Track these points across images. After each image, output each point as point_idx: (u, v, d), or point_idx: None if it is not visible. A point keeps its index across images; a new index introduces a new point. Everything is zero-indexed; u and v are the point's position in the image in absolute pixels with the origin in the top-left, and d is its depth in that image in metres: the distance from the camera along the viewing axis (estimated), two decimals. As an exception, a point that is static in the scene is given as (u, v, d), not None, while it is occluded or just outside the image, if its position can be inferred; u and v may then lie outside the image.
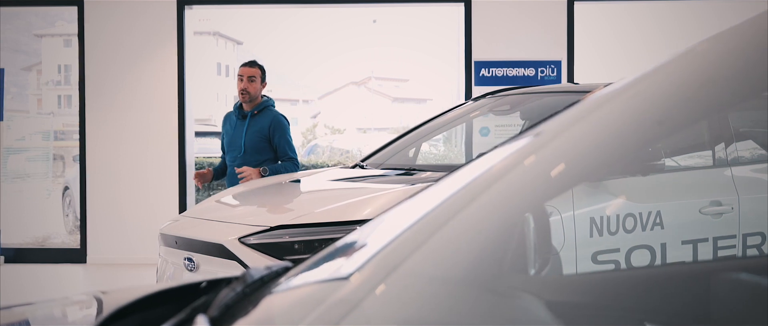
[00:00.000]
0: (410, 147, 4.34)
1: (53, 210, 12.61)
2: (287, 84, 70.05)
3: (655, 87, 1.11)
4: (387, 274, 1.05)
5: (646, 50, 26.99)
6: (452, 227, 1.04)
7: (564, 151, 1.10)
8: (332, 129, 20.50)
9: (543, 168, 1.07)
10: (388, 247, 1.00)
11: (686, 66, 1.15)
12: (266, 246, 3.08)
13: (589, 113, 1.13)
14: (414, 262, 1.02)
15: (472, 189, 1.09)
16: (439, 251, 1.03)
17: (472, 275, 1.00)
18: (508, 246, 1.05)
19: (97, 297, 1.35)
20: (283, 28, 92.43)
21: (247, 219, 3.27)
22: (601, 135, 1.12)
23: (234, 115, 4.92)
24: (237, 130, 4.84)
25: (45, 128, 18.69)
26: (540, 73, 7.06)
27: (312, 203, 3.36)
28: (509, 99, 4.20)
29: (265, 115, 4.85)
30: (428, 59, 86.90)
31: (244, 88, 4.84)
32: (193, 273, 3.35)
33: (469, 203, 1.07)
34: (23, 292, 6.52)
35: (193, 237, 3.36)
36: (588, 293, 1.02)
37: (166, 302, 1.03)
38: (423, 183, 3.33)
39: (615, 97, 1.07)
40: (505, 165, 1.08)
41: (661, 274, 1.13)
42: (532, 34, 7.18)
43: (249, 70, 4.89)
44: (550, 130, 1.12)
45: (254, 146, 4.79)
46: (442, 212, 1.07)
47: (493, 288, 1.00)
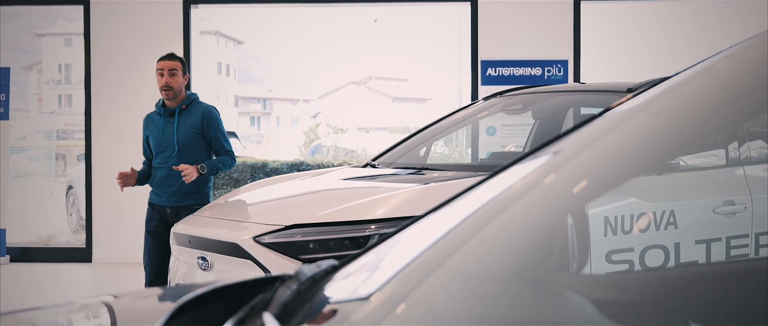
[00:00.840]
0: (421, 146, 4.34)
1: (56, 209, 12.61)
2: (287, 83, 70.03)
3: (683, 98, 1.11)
4: (429, 273, 1.05)
5: (652, 50, 27.01)
6: (498, 226, 1.05)
7: (604, 154, 1.11)
8: (335, 128, 20.48)
9: (583, 171, 1.07)
10: (435, 246, 1.01)
11: (706, 83, 1.15)
12: (281, 245, 3.08)
13: (623, 121, 1.14)
14: (460, 260, 1.02)
15: (513, 192, 1.10)
16: (485, 249, 1.03)
17: (519, 272, 1.00)
18: (552, 245, 1.05)
19: (107, 302, 1.35)
20: (283, 27, 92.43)
21: (261, 218, 3.27)
22: (638, 140, 1.12)
23: (157, 115, 4.57)
24: (166, 130, 4.49)
25: (46, 127, 18.68)
26: (547, 72, 7.06)
27: (326, 202, 3.36)
28: (521, 98, 4.21)
29: (195, 109, 4.54)
30: (429, 59, 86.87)
31: (166, 83, 4.46)
32: (206, 272, 3.36)
33: (511, 204, 1.08)
34: (29, 292, 6.52)
35: (206, 236, 3.36)
36: (633, 291, 1.02)
37: (216, 301, 1.03)
38: (436, 182, 3.32)
39: (667, 94, 1.07)
40: (546, 168, 1.09)
41: (706, 273, 1.13)
42: (539, 34, 7.19)
43: (169, 63, 4.51)
44: (587, 135, 1.12)
45: (188, 143, 4.48)
46: (486, 212, 1.07)
47: (541, 286, 1.00)
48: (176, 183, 4.45)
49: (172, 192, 4.47)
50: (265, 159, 8.88)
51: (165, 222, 4.46)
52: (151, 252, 4.49)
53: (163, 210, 4.50)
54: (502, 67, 7.13)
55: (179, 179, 4.43)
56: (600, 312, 0.98)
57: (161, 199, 4.52)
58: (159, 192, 4.53)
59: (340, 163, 8.89)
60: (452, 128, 4.58)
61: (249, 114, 58.00)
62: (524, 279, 1.02)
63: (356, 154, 10.24)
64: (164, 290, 1.52)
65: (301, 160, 9.00)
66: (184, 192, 4.48)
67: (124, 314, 1.30)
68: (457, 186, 3.28)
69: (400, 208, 3.09)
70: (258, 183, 4.23)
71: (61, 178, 16.71)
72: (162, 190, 4.50)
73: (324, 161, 9.20)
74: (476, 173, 3.41)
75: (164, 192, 4.49)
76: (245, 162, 8.85)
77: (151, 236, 4.51)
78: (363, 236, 3.03)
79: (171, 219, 4.41)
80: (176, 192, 4.47)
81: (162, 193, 4.51)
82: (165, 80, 4.47)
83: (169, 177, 4.45)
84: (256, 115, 59.04)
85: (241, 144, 11.89)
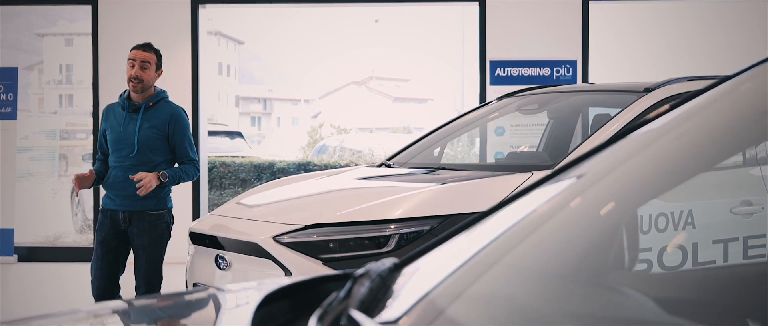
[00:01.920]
0: (435, 146, 4.35)
1: (61, 209, 12.61)
2: (287, 83, 70.06)
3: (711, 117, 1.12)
4: (487, 269, 1.06)
5: (660, 49, 27.01)
6: (556, 226, 1.05)
7: (657, 155, 1.11)
8: (338, 129, 20.49)
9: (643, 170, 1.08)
10: (494, 243, 1.02)
11: (734, 103, 1.16)
12: (301, 245, 3.08)
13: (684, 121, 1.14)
14: (518, 259, 1.03)
15: (569, 194, 1.11)
16: (545, 248, 1.04)
17: (577, 270, 1.01)
18: (608, 245, 1.06)
19: (114, 308, 1.36)
20: (283, 27, 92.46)
21: (280, 217, 3.27)
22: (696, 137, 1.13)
23: (120, 108, 4.11)
24: (127, 126, 4.04)
25: (48, 127, 18.70)
26: (555, 72, 7.07)
27: (345, 201, 3.37)
28: (537, 98, 4.22)
29: (162, 108, 4.12)
30: (430, 59, 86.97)
31: (135, 74, 4.04)
32: (224, 272, 3.36)
33: (568, 205, 1.08)
34: (38, 292, 6.53)
35: (225, 235, 3.37)
36: (690, 289, 1.03)
37: (284, 297, 1.04)
38: (453, 182, 3.33)
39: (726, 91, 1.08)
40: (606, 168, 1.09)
41: (764, 272, 1.14)
42: (547, 34, 7.19)
43: (143, 54, 4.11)
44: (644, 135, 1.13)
45: (149, 144, 4.03)
46: (543, 213, 1.08)
47: (599, 283, 1.01)
48: (132, 185, 3.96)
49: (127, 195, 4.01)
50: (272, 159, 8.90)
51: (116, 229, 4.04)
52: (100, 265, 4.03)
53: (114, 215, 4.03)
54: (510, 67, 7.13)
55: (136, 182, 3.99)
56: (661, 309, 0.99)
57: (114, 203, 4.04)
58: (112, 195, 4.05)
59: (347, 163, 8.90)
60: (466, 128, 4.59)
61: (249, 114, 58.04)
62: (582, 277, 1.03)
63: (363, 154, 10.26)
64: (164, 297, 1.53)
65: (307, 161, 9.02)
66: (149, 195, 4.03)
67: (129, 321, 1.31)
68: (474, 186, 3.28)
69: (420, 208, 3.10)
70: (273, 183, 4.23)
71: (62, 178, 16.76)
72: (115, 192, 4.03)
73: (330, 161, 9.22)
74: (493, 173, 3.42)
75: (118, 194, 4.03)
76: (252, 162, 8.86)
77: (101, 246, 4.05)
78: (383, 236, 3.03)
79: (123, 224, 4.02)
80: (131, 195, 4.00)
81: (115, 196, 4.04)
82: (135, 71, 4.05)
83: (124, 178, 3.99)
84: (257, 116, 59.07)
85: (247, 144, 11.92)
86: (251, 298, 1.05)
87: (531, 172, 3.26)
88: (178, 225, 4.40)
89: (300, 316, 0.94)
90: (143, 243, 4.03)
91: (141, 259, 4.06)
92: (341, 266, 2.99)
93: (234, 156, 9.63)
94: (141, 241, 4.04)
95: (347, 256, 3.04)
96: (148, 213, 4.02)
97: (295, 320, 0.96)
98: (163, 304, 1.35)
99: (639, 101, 3.51)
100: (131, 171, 3.97)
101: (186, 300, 1.36)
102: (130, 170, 3.98)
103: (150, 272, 4.05)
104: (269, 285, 1.02)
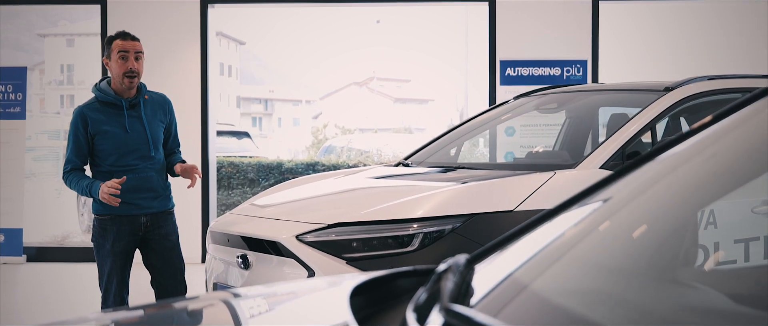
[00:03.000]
0: (451, 145, 4.34)
1: (66, 209, 12.61)
2: (288, 84, 70.07)
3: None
4: (555, 264, 1.06)
5: (671, 50, 27.05)
6: (623, 224, 1.05)
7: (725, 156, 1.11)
8: (343, 129, 20.49)
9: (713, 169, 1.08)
10: (560, 239, 1.01)
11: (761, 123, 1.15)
12: (324, 244, 3.07)
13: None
14: (590, 255, 1.02)
15: (636, 192, 1.10)
16: (616, 245, 1.04)
17: (650, 267, 1.01)
18: (679, 241, 1.05)
19: (117, 320, 1.36)
20: (284, 27, 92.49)
21: (302, 216, 3.26)
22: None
23: (109, 108, 3.73)
24: (133, 125, 3.71)
25: (50, 128, 18.71)
26: (566, 72, 7.07)
27: (366, 200, 3.35)
28: (556, 97, 4.21)
29: (156, 98, 3.87)
30: (430, 60, 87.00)
31: (132, 67, 3.69)
32: (245, 271, 3.35)
33: (634, 204, 1.08)
34: (48, 292, 6.53)
35: (247, 234, 3.36)
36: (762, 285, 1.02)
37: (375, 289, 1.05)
38: (475, 181, 3.32)
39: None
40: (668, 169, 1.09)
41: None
42: (557, 34, 7.19)
43: (135, 44, 3.76)
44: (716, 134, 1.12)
45: (159, 140, 3.80)
46: (610, 211, 1.08)
47: (672, 279, 1.01)
48: (156, 184, 3.76)
49: (154, 196, 3.77)
50: (281, 159, 8.90)
51: (135, 235, 3.75)
52: (120, 276, 3.72)
53: (134, 220, 3.72)
54: (521, 67, 7.13)
55: (158, 180, 3.77)
56: (734, 304, 0.98)
57: (133, 207, 3.70)
58: (129, 200, 3.65)
59: (356, 163, 8.90)
60: (483, 127, 4.58)
61: (250, 115, 58.08)
62: (653, 273, 1.02)
63: (370, 154, 10.26)
64: (165, 303, 1.53)
65: (315, 161, 9.01)
66: (166, 194, 3.84)
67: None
68: (497, 185, 3.28)
69: (443, 207, 3.09)
70: (290, 182, 4.22)
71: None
72: (136, 196, 3.69)
73: (338, 162, 9.21)
74: (515, 172, 3.41)
75: (138, 198, 3.70)
76: (260, 162, 8.85)
77: (120, 257, 3.71)
78: (407, 235, 3.02)
79: (144, 228, 3.75)
80: (156, 196, 3.78)
81: (134, 200, 3.69)
82: (130, 64, 3.69)
83: (145, 179, 3.72)
84: (258, 116, 59.10)
85: (254, 144, 11.92)
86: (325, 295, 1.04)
87: (553, 172, 3.25)
88: (188, 226, 4.37)
89: (381, 309, 0.94)
90: (172, 244, 3.84)
91: (173, 260, 3.82)
92: (365, 265, 2.98)
93: (242, 156, 9.63)
94: (169, 242, 3.82)
95: (371, 255, 3.03)
96: (169, 212, 3.87)
97: (378, 312, 0.97)
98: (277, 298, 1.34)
99: (659, 100, 3.50)
100: (148, 172, 3.73)
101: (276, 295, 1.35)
102: (147, 171, 3.73)
103: (182, 268, 3.87)
104: (350, 279, 1.02)
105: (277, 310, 1.18)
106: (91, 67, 53.58)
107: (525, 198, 3.10)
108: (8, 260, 7.48)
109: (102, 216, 3.72)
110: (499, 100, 6.97)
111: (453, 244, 3.00)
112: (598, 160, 3.30)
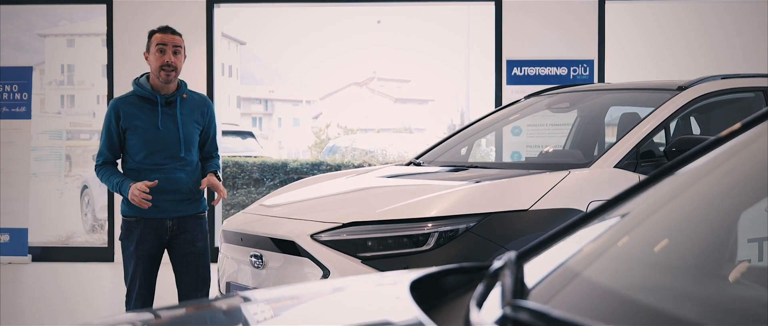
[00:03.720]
0: (462, 145, 4.33)
1: (69, 209, 12.62)
2: (289, 84, 70.06)
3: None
4: (599, 254, 1.05)
5: (677, 49, 27.09)
6: (669, 223, 1.05)
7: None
8: (346, 129, 20.48)
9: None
10: (613, 235, 1.01)
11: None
12: (339, 243, 3.06)
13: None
14: (641, 252, 1.02)
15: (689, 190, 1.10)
16: (658, 241, 1.03)
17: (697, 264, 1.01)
18: (726, 240, 1.05)
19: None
20: (284, 27, 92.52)
21: (316, 215, 3.25)
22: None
23: (144, 102, 3.61)
24: (165, 123, 3.57)
25: (51, 128, 18.69)
26: (572, 72, 7.06)
27: (380, 199, 3.35)
28: (568, 96, 4.20)
29: (194, 98, 3.72)
30: (430, 60, 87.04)
31: (169, 61, 3.55)
32: (259, 271, 3.34)
33: (689, 203, 1.08)
34: (54, 292, 6.52)
35: (261, 233, 3.35)
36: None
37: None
38: (488, 180, 3.31)
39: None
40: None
41: None
42: (563, 34, 7.19)
43: (174, 38, 3.62)
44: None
45: (192, 140, 3.63)
46: (657, 209, 1.07)
47: (717, 275, 1.01)
48: (185, 187, 3.61)
49: (182, 199, 3.62)
50: (286, 159, 8.89)
51: (161, 239, 3.62)
52: (143, 280, 3.58)
53: (160, 224, 3.59)
54: (527, 67, 7.12)
55: (188, 182, 3.63)
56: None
57: (159, 210, 3.56)
58: (158, 201, 3.52)
59: (360, 163, 8.90)
60: (494, 126, 4.57)
61: (251, 115, 58.07)
62: (701, 270, 1.02)
63: (374, 154, 10.24)
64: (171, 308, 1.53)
65: (320, 161, 9.01)
66: (196, 197, 3.69)
67: None
68: (511, 184, 3.27)
69: (458, 206, 3.08)
70: (301, 182, 4.22)
71: (68, 179, 16.72)
72: (162, 197, 3.54)
73: (343, 161, 9.21)
74: (529, 171, 3.40)
75: (165, 200, 3.56)
76: (265, 162, 8.85)
77: (145, 261, 3.58)
78: (422, 234, 3.02)
79: (170, 232, 3.61)
80: (183, 199, 3.63)
81: (161, 202, 3.55)
82: (168, 57, 3.56)
83: (173, 181, 3.57)
84: (258, 116, 59.09)
85: (259, 144, 11.93)
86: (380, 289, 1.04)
87: (567, 171, 3.25)
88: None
89: (435, 304, 0.95)
90: (198, 249, 3.65)
91: (197, 268, 3.66)
92: (380, 265, 2.98)
93: (247, 156, 9.63)
94: (196, 248, 3.65)
95: (386, 254, 3.02)
96: (199, 216, 3.68)
97: (434, 307, 0.97)
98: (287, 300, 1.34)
99: (673, 99, 3.49)
100: (177, 173, 3.59)
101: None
102: (176, 172, 3.59)
103: (207, 278, 3.70)
104: (403, 275, 1.02)
105: (339, 304, 1.18)
106: (91, 68, 53.44)
107: (540, 198, 3.09)
108: (13, 260, 7.48)
109: (128, 217, 3.62)
110: (506, 99, 6.97)
111: (468, 244, 3.00)
112: (612, 160, 3.29)
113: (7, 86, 7.65)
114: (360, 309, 1.08)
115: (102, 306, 6.04)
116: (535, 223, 3.04)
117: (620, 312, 0.86)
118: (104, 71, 8.24)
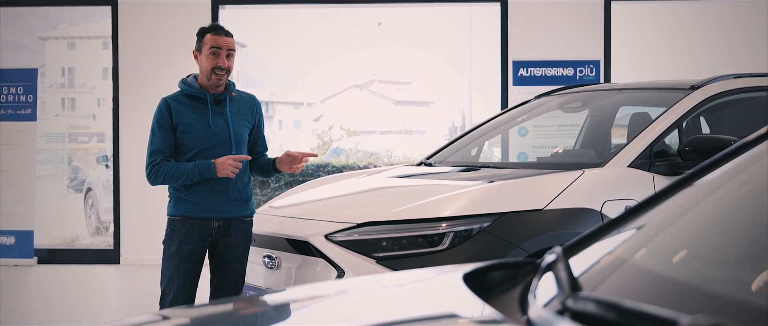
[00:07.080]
0: (472, 145, 4.33)
1: (72, 211, 12.62)
2: (289, 86, 70.06)
3: None
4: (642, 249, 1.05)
5: (683, 50, 27.15)
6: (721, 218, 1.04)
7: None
8: (349, 131, 20.50)
9: None
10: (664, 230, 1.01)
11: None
12: (354, 243, 3.06)
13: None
14: (691, 246, 1.02)
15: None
16: (710, 237, 1.03)
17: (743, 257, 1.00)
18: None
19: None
20: (284, 30, 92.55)
21: (330, 215, 3.25)
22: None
23: (193, 101, 3.55)
24: (215, 121, 3.51)
25: (53, 130, 18.69)
26: (578, 72, 7.06)
27: (393, 199, 3.35)
28: (579, 96, 4.20)
29: (244, 97, 3.67)
30: (431, 62, 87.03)
31: (221, 64, 3.48)
32: (273, 271, 3.34)
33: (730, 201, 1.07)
34: (60, 294, 6.51)
35: (274, 233, 3.34)
36: None
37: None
38: (501, 180, 3.31)
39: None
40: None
41: None
42: (570, 34, 7.19)
43: (228, 41, 3.54)
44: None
45: (242, 139, 3.57)
46: (703, 203, 1.07)
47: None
48: (233, 187, 3.48)
49: (227, 199, 3.49)
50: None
51: (204, 240, 3.49)
52: (183, 282, 3.46)
53: (205, 224, 3.47)
54: (533, 68, 7.12)
55: (236, 183, 3.48)
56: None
57: (205, 209, 3.47)
58: (203, 200, 3.46)
59: (366, 164, 8.90)
60: (504, 126, 4.57)
61: (251, 117, 57.98)
62: (749, 264, 1.01)
63: (379, 156, 10.24)
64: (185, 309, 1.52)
65: (327, 162, 9.00)
66: (245, 198, 3.54)
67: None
68: (525, 184, 3.27)
69: (472, 206, 3.08)
70: (312, 182, 4.22)
71: (71, 181, 16.73)
72: (208, 196, 3.46)
73: (348, 163, 9.20)
74: (542, 171, 3.40)
75: (213, 199, 3.46)
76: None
77: (187, 261, 3.46)
78: (437, 234, 3.01)
79: (216, 234, 3.49)
80: (236, 198, 3.51)
81: (208, 201, 3.46)
82: (220, 61, 3.48)
83: (223, 179, 3.44)
84: (259, 118, 59.03)
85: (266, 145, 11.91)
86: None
87: (581, 170, 3.24)
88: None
89: (488, 297, 0.95)
90: (238, 254, 3.51)
91: (233, 271, 3.53)
92: (395, 264, 2.97)
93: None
94: (236, 253, 3.51)
95: (401, 254, 3.02)
96: (244, 219, 3.53)
97: (488, 298, 0.98)
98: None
99: (686, 99, 3.49)
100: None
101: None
102: None
103: (240, 284, 3.56)
104: (453, 270, 1.02)
105: (399, 298, 1.18)
106: (92, 70, 53.20)
107: (554, 197, 3.09)
108: (20, 262, 7.47)
109: (173, 216, 3.53)
110: (512, 100, 6.97)
111: (483, 243, 2.99)
112: (626, 159, 3.29)
113: (12, 88, 7.64)
114: (420, 301, 1.08)
115: (109, 308, 6.03)
116: (550, 223, 3.04)
117: (670, 297, 0.86)
118: (105, 74, 8.24)
